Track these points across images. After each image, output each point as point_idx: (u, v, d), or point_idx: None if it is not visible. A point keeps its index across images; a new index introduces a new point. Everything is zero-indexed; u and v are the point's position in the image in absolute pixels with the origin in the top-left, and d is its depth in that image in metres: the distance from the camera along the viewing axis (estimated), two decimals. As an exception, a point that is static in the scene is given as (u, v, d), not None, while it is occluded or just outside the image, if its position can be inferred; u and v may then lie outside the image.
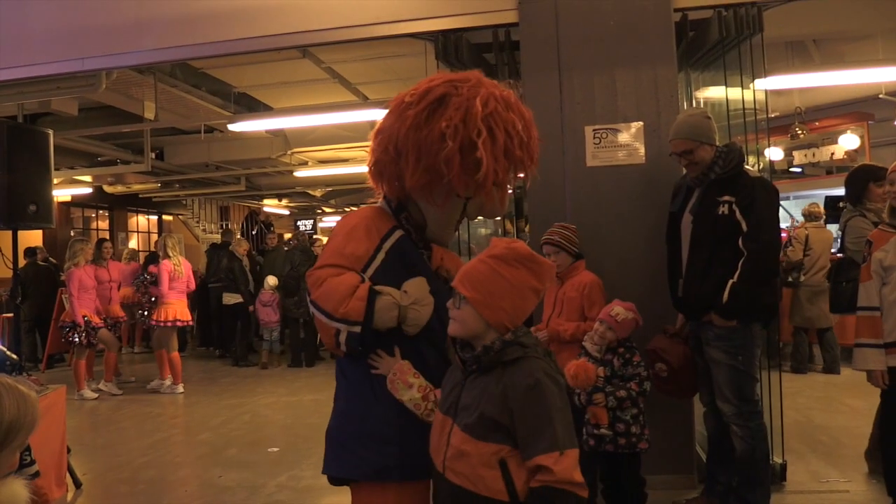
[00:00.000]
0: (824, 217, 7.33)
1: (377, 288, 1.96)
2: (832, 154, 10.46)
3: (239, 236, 13.39)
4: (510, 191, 2.34)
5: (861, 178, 4.39)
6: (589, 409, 3.24)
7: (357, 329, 1.93)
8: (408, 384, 1.96)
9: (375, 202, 2.25)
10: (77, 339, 7.37)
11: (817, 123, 10.33)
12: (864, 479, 4.02)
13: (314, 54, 6.91)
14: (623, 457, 3.26)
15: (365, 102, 8.37)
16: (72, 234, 12.18)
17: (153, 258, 9.70)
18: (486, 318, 1.79)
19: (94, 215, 14.42)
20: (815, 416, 5.43)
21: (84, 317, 7.38)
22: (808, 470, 4.20)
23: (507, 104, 2.00)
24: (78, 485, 4.49)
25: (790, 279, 6.96)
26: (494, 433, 1.73)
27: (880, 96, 9.03)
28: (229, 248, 10.12)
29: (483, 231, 8.55)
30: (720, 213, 3.28)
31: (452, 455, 1.79)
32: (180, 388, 7.69)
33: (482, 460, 1.74)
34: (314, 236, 16.59)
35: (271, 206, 18.15)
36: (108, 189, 13.32)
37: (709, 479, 3.70)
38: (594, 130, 4.01)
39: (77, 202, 13.40)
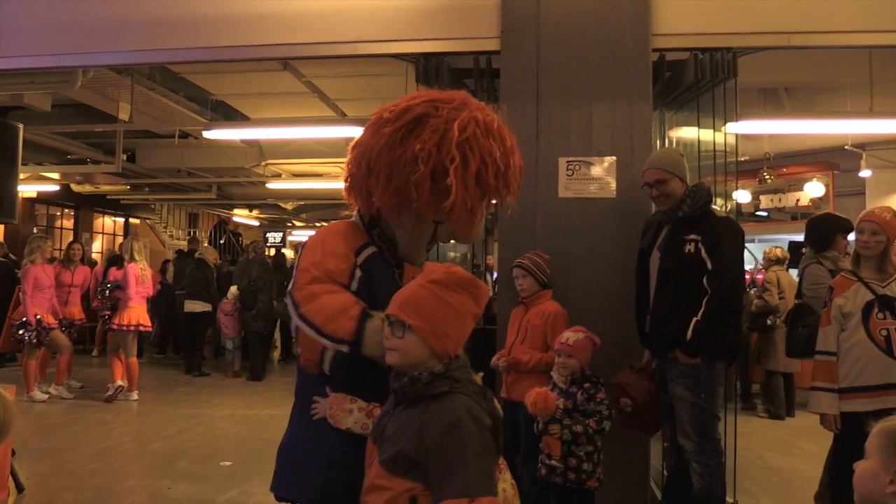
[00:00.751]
0: (788, 260, 7.47)
1: (370, 311, 1.89)
2: (797, 200, 10.72)
3: (206, 244, 13.25)
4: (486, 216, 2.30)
5: (831, 227, 4.47)
6: (543, 438, 3.23)
7: (345, 349, 1.85)
8: (347, 411, 1.90)
9: (350, 216, 2.20)
10: (27, 338, 7.17)
11: (785, 170, 10.58)
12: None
13: (295, 67, 6.90)
14: (573, 491, 3.26)
15: (343, 119, 8.38)
16: (34, 230, 11.91)
17: (115, 261, 9.51)
18: (431, 346, 1.70)
19: (59, 213, 14.15)
20: (769, 457, 5.49)
21: (37, 316, 7.19)
22: (760, 511, 4.24)
23: (487, 130, 1.94)
24: (20, 489, 4.36)
25: (768, 322, 7.01)
26: (409, 471, 1.65)
27: (846, 147, 9.28)
28: (196, 256, 10.00)
29: (452, 254, 8.57)
30: (686, 251, 3.33)
31: (367, 487, 1.73)
32: (134, 396, 7.52)
33: (393, 496, 1.66)
34: (282, 250, 16.52)
35: (241, 216, 18.00)
36: (75, 188, 13.09)
37: (662, 515, 3.71)
38: (568, 162, 4.05)
39: (43, 199, 13.15)
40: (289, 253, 16.16)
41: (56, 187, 12.20)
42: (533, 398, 3.06)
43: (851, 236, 4.08)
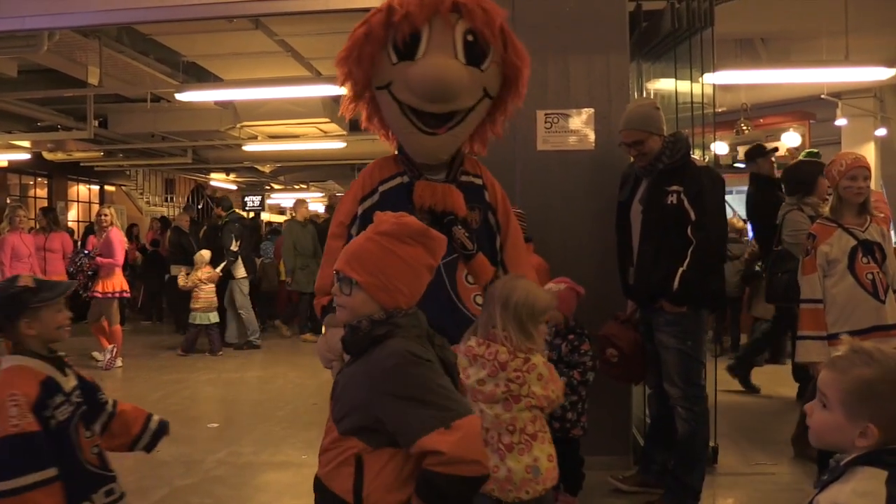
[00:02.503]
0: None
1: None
2: (774, 150, 10.75)
3: (182, 210, 13.11)
4: None
5: (814, 171, 4.47)
6: None
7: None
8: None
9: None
10: None
11: (762, 120, 10.61)
12: (789, 462, 4.19)
13: (267, 26, 6.77)
14: (557, 440, 3.31)
15: (318, 77, 8.25)
16: (8, 200, 11.71)
17: (91, 230, 9.35)
18: (381, 302, 1.62)
19: (32, 182, 13.92)
20: (748, 402, 5.63)
21: None
22: (739, 453, 4.35)
23: None
24: None
25: (756, 268, 7.02)
26: (355, 427, 1.60)
27: (822, 96, 9.32)
28: (172, 225, 9.91)
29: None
30: (669, 202, 3.34)
31: (322, 447, 1.69)
32: (119, 362, 7.49)
33: (340, 454, 1.61)
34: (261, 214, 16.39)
35: (219, 180, 17.80)
36: (47, 156, 12.83)
37: (644, 459, 3.80)
38: (546, 115, 4.04)
39: (14, 168, 12.91)
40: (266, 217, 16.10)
41: (27, 156, 11.96)
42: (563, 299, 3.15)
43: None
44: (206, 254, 8.41)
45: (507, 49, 2.43)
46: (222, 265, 8.33)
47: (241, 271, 8.48)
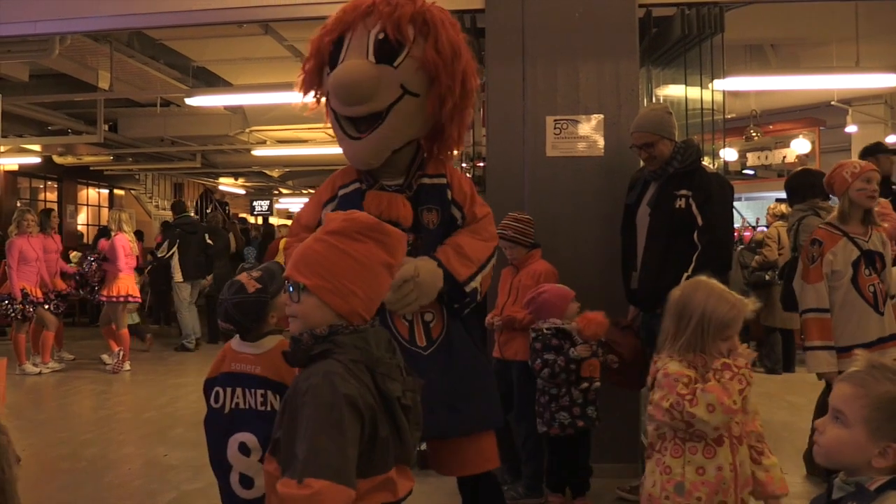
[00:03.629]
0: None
1: None
2: (784, 157, 10.74)
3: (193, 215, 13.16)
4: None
5: (820, 177, 4.45)
6: (587, 363, 3.31)
7: None
8: None
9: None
10: (12, 314, 7.12)
11: (771, 127, 10.60)
12: (799, 471, 4.14)
13: (276, 31, 6.79)
14: (575, 440, 3.36)
15: (327, 83, 8.27)
16: (18, 204, 11.77)
17: (104, 233, 9.42)
18: (334, 307, 1.47)
19: (42, 186, 14.00)
20: (758, 410, 5.58)
21: (23, 290, 7.13)
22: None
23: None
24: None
25: (766, 278, 7.01)
26: (277, 449, 1.45)
27: (832, 103, 9.29)
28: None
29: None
30: (677, 206, 3.33)
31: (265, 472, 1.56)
32: (126, 366, 7.51)
33: (269, 480, 1.47)
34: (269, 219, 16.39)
35: (227, 184, 17.86)
36: (57, 160, 12.92)
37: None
38: (555, 121, 4.03)
39: (25, 172, 12.99)
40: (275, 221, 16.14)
41: (38, 160, 12.05)
42: (587, 321, 3.23)
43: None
44: None
45: (427, 41, 2.39)
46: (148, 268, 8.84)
47: (178, 275, 8.77)
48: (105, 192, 15.98)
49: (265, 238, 11.37)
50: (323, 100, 2.61)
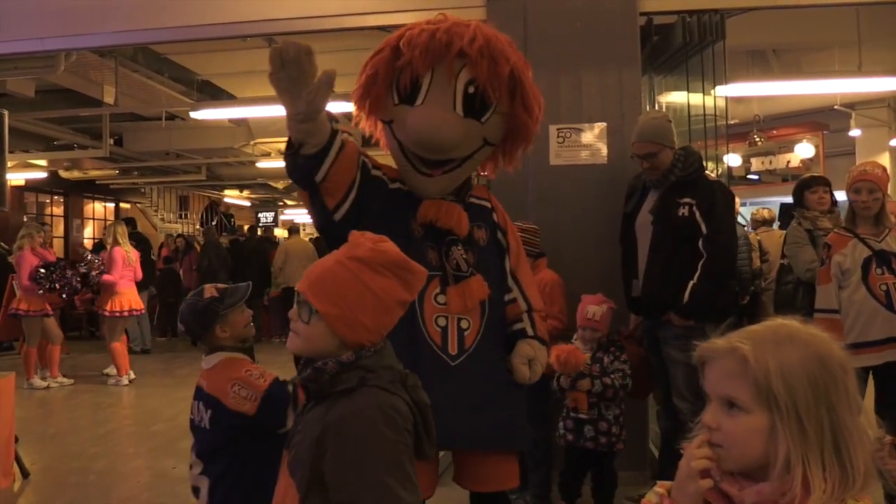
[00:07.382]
0: (777, 223, 7.48)
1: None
2: (788, 162, 10.73)
3: (198, 227, 13.22)
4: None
5: (800, 186, 4.49)
6: (571, 394, 3.28)
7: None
8: None
9: None
10: (46, 282, 7.07)
11: (775, 132, 10.59)
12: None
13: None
14: (600, 454, 3.36)
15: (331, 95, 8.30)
16: (25, 219, 11.83)
17: (101, 247, 9.44)
18: (341, 336, 1.41)
19: (48, 201, 14.06)
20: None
21: (44, 262, 7.16)
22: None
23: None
24: (26, 475, 4.38)
25: (753, 287, 6.99)
26: (308, 486, 1.38)
27: (835, 107, 9.29)
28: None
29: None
30: (680, 214, 3.33)
31: (276, 499, 1.50)
32: (125, 380, 7.49)
33: None
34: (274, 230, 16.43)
35: (232, 196, 17.91)
36: (63, 174, 12.95)
37: (662, 476, 3.76)
38: (558, 129, 4.05)
39: (31, 187, 13.05)
40: (280, 233, 16.17)
41: (44, 174, 12.10)
42: (565, 356, 3.12)
43: (842, 195, 4.09)
44: None
45: (514, 99, 2.38)
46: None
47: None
48: (111, 205, 16.05)
49: (251, 254, 11.43)
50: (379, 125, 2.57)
